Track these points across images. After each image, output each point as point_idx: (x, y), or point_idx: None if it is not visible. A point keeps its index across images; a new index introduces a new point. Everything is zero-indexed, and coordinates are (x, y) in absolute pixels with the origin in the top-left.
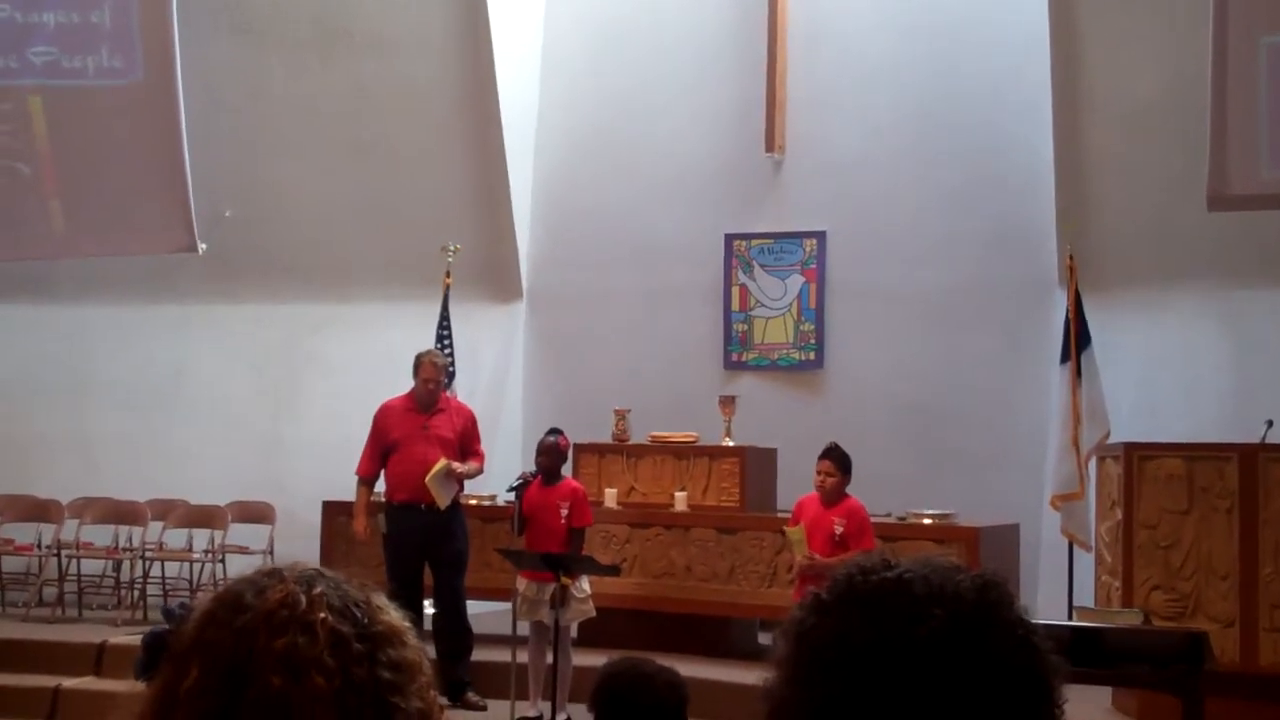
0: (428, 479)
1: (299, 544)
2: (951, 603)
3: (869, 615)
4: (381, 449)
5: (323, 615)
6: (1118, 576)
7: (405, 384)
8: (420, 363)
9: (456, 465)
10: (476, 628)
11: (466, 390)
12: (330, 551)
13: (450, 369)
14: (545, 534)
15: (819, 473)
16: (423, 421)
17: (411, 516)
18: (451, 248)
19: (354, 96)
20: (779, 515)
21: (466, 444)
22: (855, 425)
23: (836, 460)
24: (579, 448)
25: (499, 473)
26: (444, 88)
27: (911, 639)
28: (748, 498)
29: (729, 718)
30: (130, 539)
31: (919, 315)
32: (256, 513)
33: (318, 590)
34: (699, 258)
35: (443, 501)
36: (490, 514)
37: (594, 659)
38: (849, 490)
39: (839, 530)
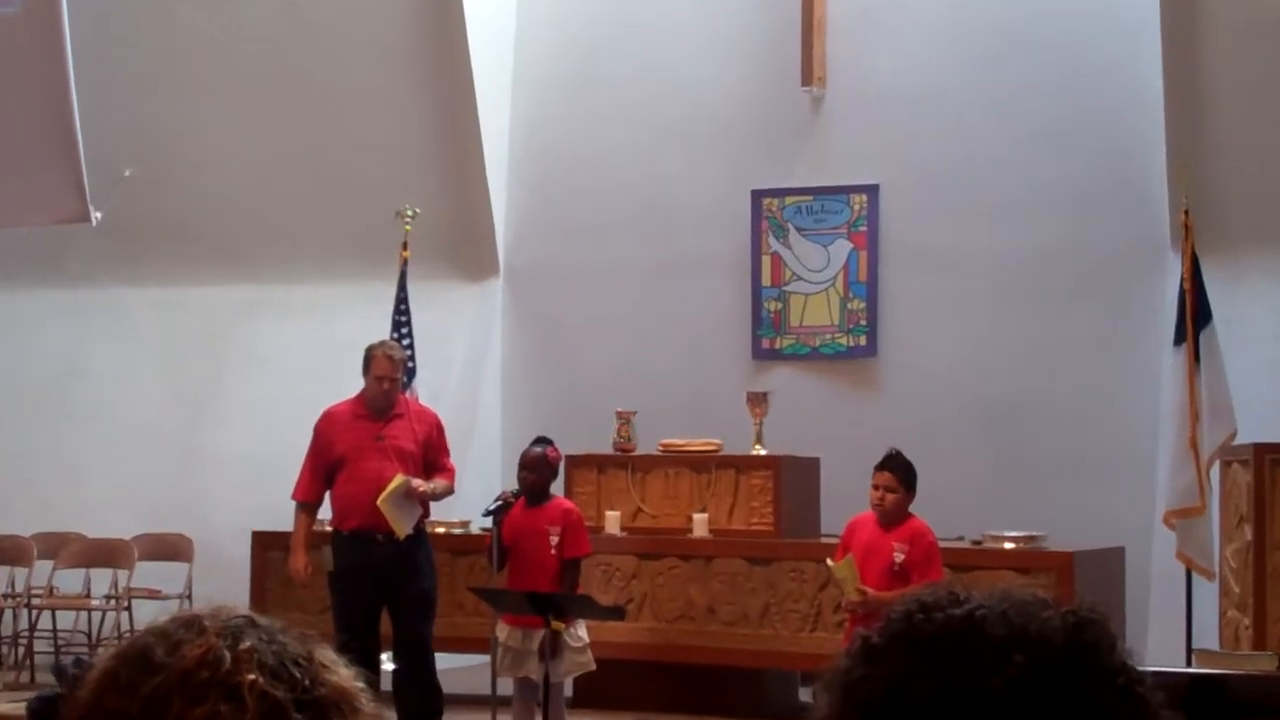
0: (380, 500)
1: (223, 585)
2: (1036, 647)
3: (932, 663)
4: (325, 466)
5: (253, 677)
6: (1247, 612)
7: (355, 384)
8: (371, 357)
9: (418, 482)
10: (447, 686)
11: (430, 390)
12: (262, 594)
13: (409, 364)
14: (531, 568)
15: (876, 487)
16: (376, 430)
17: (364, 549)
18: (409, 212)
19: (284, 23)
20: (824, 541)
21: (432, 457)
22: (918, 427)
23: (898, 472)
24: (573, 460)
25: (473, 493)
26: (396, 9)
27: (985, 693)
28: (784, 520)
29: None
30: (13, 582)
31: (997, 289)
32: (170, 547)
33: (246, 644)
34: (719, 221)
35: (402, 529)
36: (463, 545)
37: None
38: (912, 509)
39: (899, 558)
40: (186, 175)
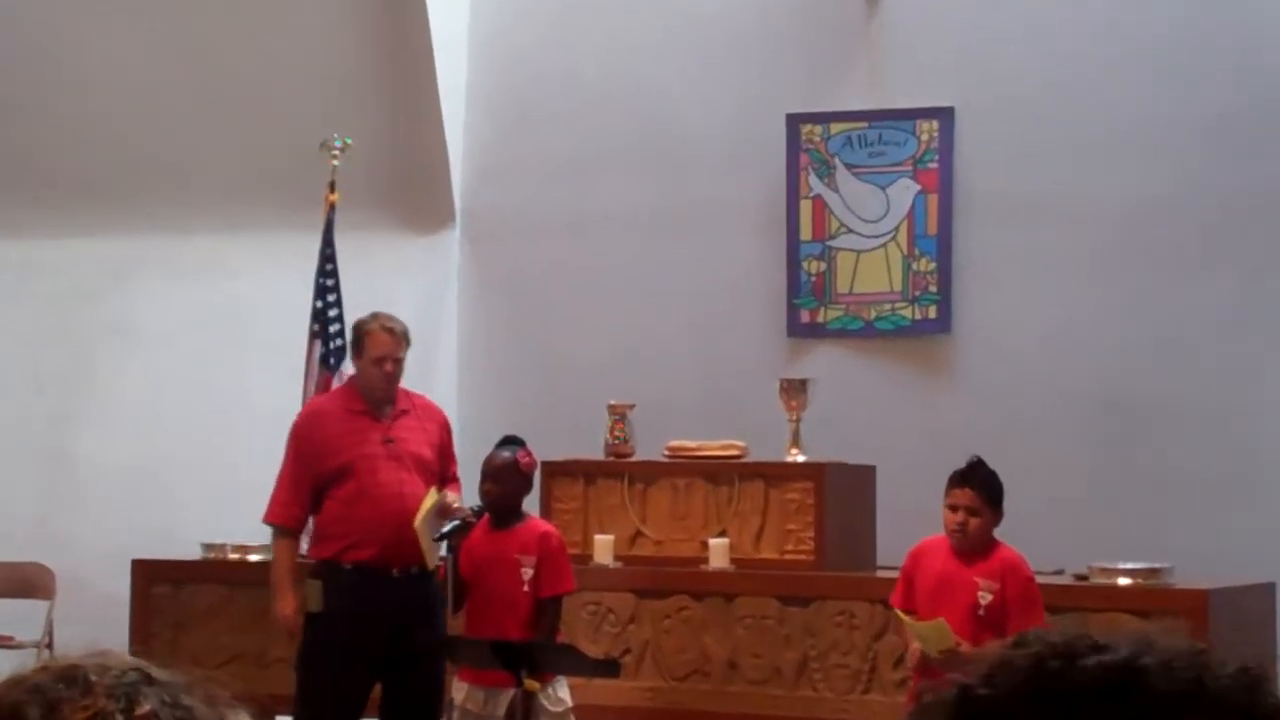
0: (418, 523)
1: (93, 629)
2: (1213, 709)
3: None
4: (314, 480)
5: None
6: None
7: (269, 369)
8: (365, 333)
9: (452, 498)
10: None
11: None
12: (146, 640)
13: (338, 341)
14: (497, 609)
15: (954, 508)
16: (382, 431)
17: (376, 588)
18: (337, 144)
19: None
20: (880, 575)
21: (442, 465)
22: (1003, 427)
23: (983, 488)
24: (552, 468)
25: None
26: None
27: None
28: (829, 547)
29: None
30: None
31: (1110, 249)
32: (23, 581)
33: (145, 708)
34: (743, 156)
35: (432, 559)
36: None
37: None
38: (996, 533)
39: (985, 599)
40: (49, 98)
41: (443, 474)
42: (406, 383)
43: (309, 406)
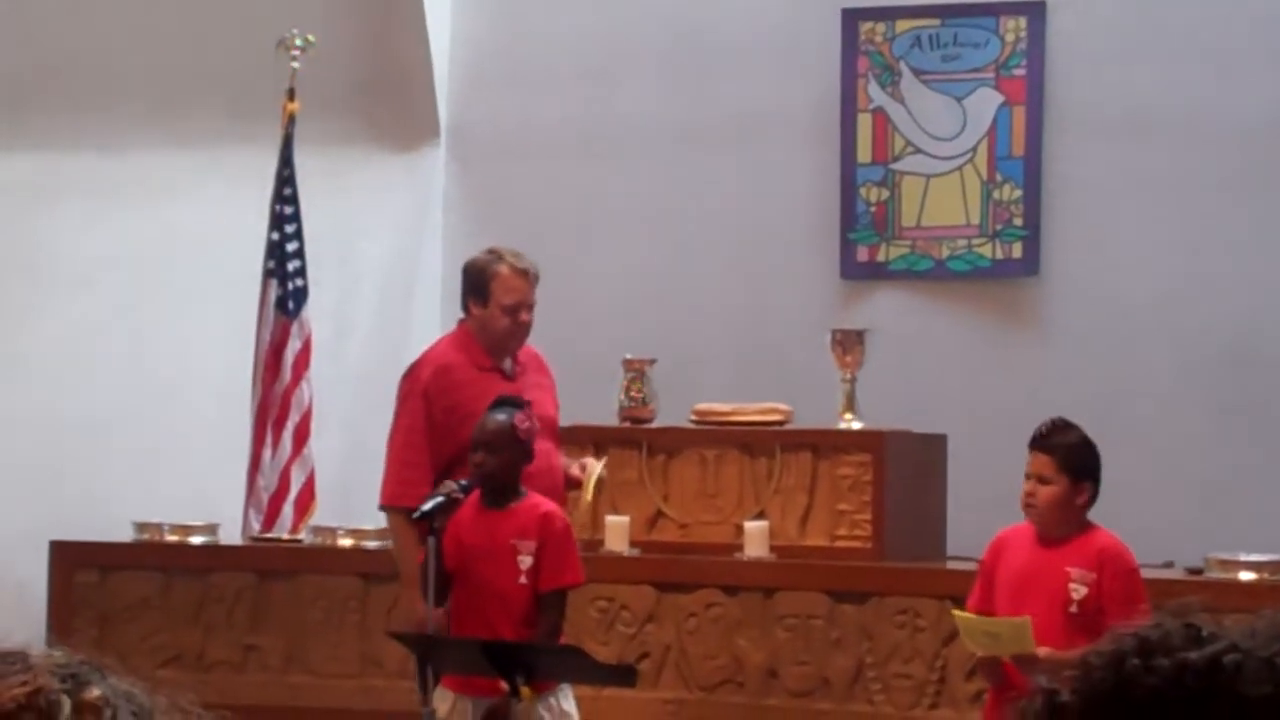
0: (589, 498)
1: (2, 622)
2: None
3: None
4: (448, 451)
5: None
6: None
7: (216, 312)
8: (492, 274)
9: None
10: None
11: (332, 319)
12: (65, 636)
13: (299, 281)
14: (489, 603)
15: (1028, 477)
16: (516, 393)
17: None
18: (297, 42)
19: None
20: (952, 567)
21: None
22: (1104, 391)
23: (1059, 452)
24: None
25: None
26: None
27: None
28: (890, 532)
29: None
30: None
31: (1234, 173)
32: None
33: (96, 693)
34: (789, 59)
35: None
36: (380, 566)
37: None
38: (1093, 517)
39: (1079, 592)
40: None
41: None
42: (377, 328)
43: (432, 359)
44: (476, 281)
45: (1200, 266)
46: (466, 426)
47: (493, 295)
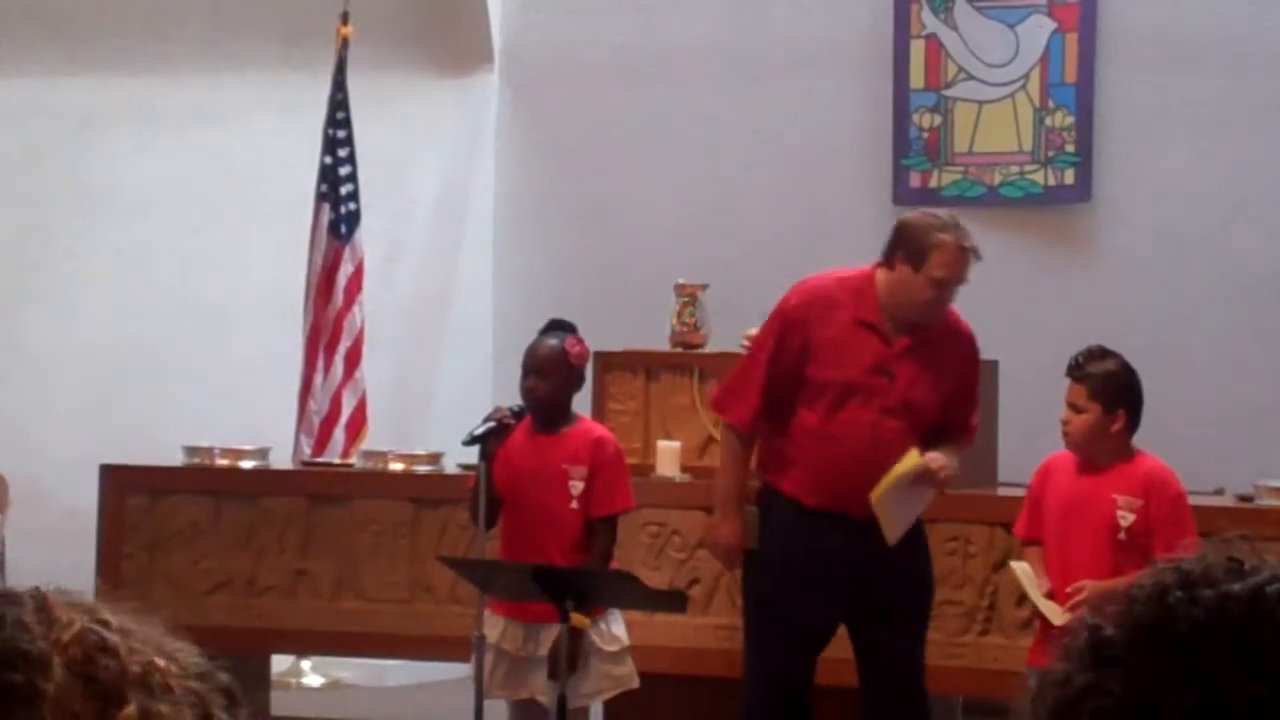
0: (877, 495)
1: (54, 547)
2: None
3: (1194, 668)
4: (786, 382)
5: (163, 663)
6: None
7: (269, 239)
8: (934, 244)
9: (939, 462)
10: (410, 710)
11: (384, 246)
12: (115, 565)
13: (351, 205)
14: (540, 529)
15: (1069, 404)
16: (884, 359)
17: (831, 528)
18: None
19: None
20: (1003, 493)
21: (951, 413)
22: (1156, 317)
23: (1091, 381)
24: (607, 359)
25: (450, 408)
26: None
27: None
28: None
29: None
30: None
31: None
32: None
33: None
34: None
35: (895, 533)
36: (432, 490)
37: None
38: (1140, 444)
39: (1126, 519)
40: None
41: (948, 421)
42: (429, 256)
43: (810, 289)
44: (916, 244)
45: (1250, 193)
46: (822, 367)
47: (928, 261)
